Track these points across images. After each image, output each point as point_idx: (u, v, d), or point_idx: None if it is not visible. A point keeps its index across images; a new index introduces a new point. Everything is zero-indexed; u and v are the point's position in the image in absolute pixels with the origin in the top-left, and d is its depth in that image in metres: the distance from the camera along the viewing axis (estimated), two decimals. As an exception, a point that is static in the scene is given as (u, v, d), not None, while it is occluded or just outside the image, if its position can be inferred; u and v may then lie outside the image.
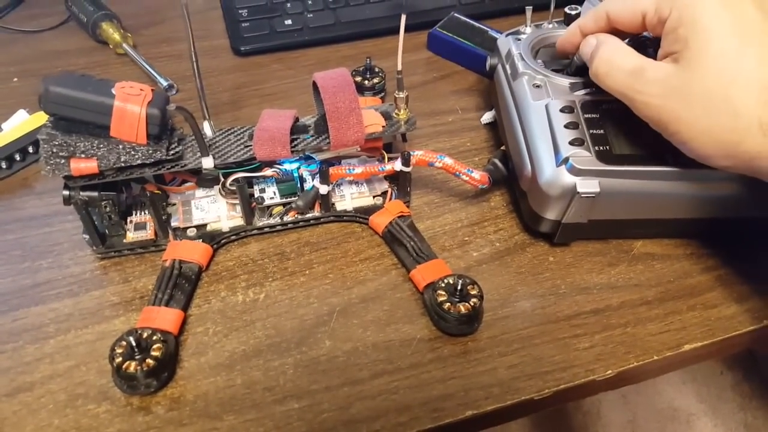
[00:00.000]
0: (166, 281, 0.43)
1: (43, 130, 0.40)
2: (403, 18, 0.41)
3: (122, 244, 0.45)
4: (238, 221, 0.47)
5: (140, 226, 0.46)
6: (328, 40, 0.65)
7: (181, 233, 0.46)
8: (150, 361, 0.38)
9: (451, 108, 0.58)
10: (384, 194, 0.49)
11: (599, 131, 0.43)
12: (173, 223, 0.46)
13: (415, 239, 0.45)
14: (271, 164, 0.45)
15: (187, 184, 0.47)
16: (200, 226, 0.47)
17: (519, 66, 0.48)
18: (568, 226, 0.44)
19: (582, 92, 0.45)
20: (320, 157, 0.46)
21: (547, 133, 0.43)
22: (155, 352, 0.38)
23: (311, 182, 0.47)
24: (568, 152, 0.42)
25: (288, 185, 0.47)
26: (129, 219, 0.46)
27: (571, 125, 0.43)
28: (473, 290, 0.41)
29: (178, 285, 0.43)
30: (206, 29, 0.67)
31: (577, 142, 0.42)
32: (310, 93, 0.47)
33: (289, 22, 0.65)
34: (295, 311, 0.43)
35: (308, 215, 0.48)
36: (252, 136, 0.44)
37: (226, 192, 0.46)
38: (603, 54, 0.41)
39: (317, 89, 0.44)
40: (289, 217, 0.47)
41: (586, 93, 0.45)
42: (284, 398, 0.39)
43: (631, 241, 0.47)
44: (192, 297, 0.44)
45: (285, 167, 0.46)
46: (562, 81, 0.46)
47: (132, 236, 0.45)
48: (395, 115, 0.46)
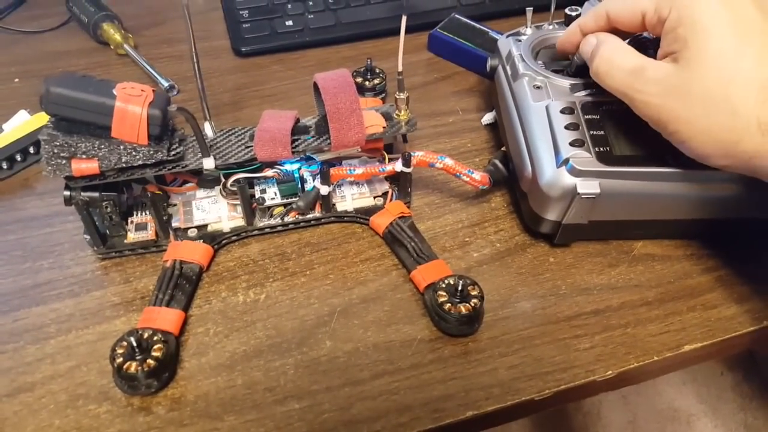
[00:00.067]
0: (167, 282, 0.43)
1: (44, 131, 0.40)
2: (404, 19, 0.41)
3: (123, 245, 0.45)
4: (238, 222, 0.47)
5: (141, 227, 0.46)
6: (329, 41, 0.65)
7: (181, 234, 0.46)
8: (151, 362, 0.38)
9: (451, 109, 0.58)
10: (385, 195, 0.49)
11: (599, 132, 0.43)
12: (174, 224, 0.46)
13: (415, 240, 0.45)
14: (272, 165, 0.45)
15: (188, 185, 0.47)
16: (201, 227, 0.47)
17: (519, 67, 0.48)
18: (568, 226, 0.44)
19: (582, 93, 0.45)
20: (321, 157, 0.46)
21: (548, 134, 0.43)
22: (156, 352, 0.38)
23: (312, 183, 0.47)
24: (569, 153, 0.42)
25: (289, 186, 0.47)
26: (130, 219, 0.46)
27: (572, 126, 0.43)
28: (474, 291, 0.41)
29: (178, 285, 0.43)
30: (207, 30, 0.67)
31: (577, 143, 0.42)
32: (311, 94, 0.47)
33: (289, 23, 0.66)
34: (296, 312, 0.43)
35: (309, 216, 0.48)
36: (253, 137, 0.44)
37: (227, 193, 0.46)
38: (603, 53, 0.41)
39: (318, 90, 0.45)
40: (289, 218, 0.47)
41: (586, 94, 0.45)
42: (285, 399, 0.39)
43: (632, 242, 0.47)
44: (193, 297, 0.44)
45: (286, 168, 0.46)
46: (562, 82, 0.46)
47: (133, 237, 0.45)
48: (396, 115, 0.46)
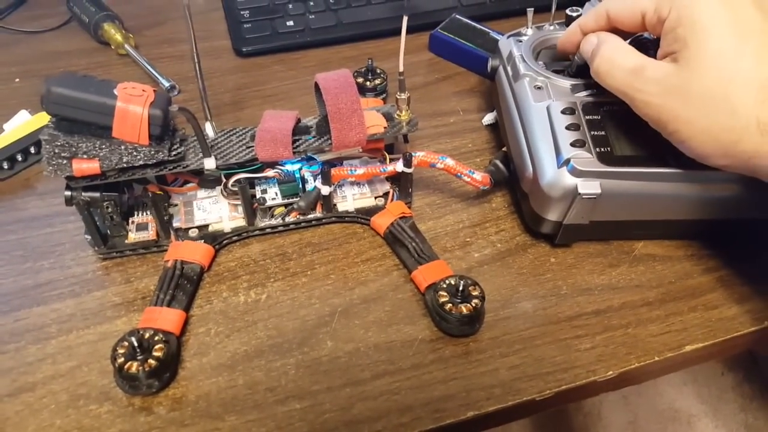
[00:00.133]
0: (168, 282, 0.43)
1: (45, 131, 0.40)
2: (405, 19, 0.41)
3: (124, 245, 0.45)
4: (239, 222, 0.47)
5: (142, 227, 0.46)
6: (330, 41, 0.65)
7: (182, 234, 0.46)
8: (152, 362, 0.38)
9: (452, 109, 0.58)
10: (385, 195, 0.49)
11: (600, 133, 0.43)
12: (175, 224, 0.46)
13: (416, 240, 0.45)
14: (272, 165, 0.46)
15: (189, 185, 0.47)
16: (202, 227, 0.47)
17: (520, 67, 0.48)
18: (569, 227, 0.44)
19: (583, 94, 0.45)
20: (322, 158, 0.46)
21: (549, 134, 0.43)
22: (157, 352, 0.38)
23: (313, 183, 0.47)
24: (570, 154, 0.42)
25: (290, 186, 0.47)
26: (131, 219, 0.46)
27: (573, 127, 0.43)
28: (475, 291, 0.41)
29: (179, 285, 0.43)
30: (208, 30, 0.67)
31: (578, 144, 0.42)
32: (312, 94, 0.47)
33: (290, 23, 0.66)
34: (297, 312, 0.43)
35: (310, 216, 0.48)
36: (254, 137, 0.44)
37: (228, 193, 0.46)
38: (604, 52, 0.41)
39: (319, 90, 0.45)
40: (290, 218, 0.47)
41: (587, 94, 0.45)
42: (286, 399, 0.39)
43: (633, 243, 0.47)
44: (194, 297, 0.44)
45: (287, 168, 0.46)
46: (563, 82, 0.46)
47: (134, 237, 0.45)
48: (397, 116, 0.46)
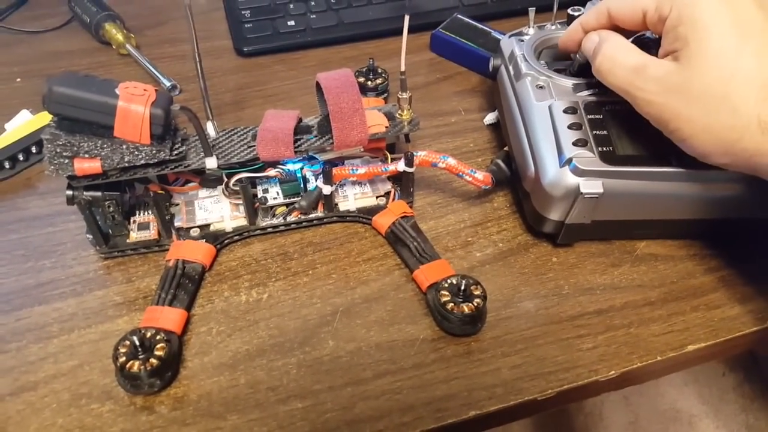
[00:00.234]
0: (170, 281, 0.43)
1: (46, 130, 0.40)
2: (407, 18, 0.41)
3: (125, 244, 0.45)
4: (241, 221, 0.47)
5: (143, 226, 0.46)
6: (331, 41, 0.65)
7: (184, 233, 0.46)
8: (153, 361, 0.38)
9: (454, 109, 0.58)
10: (387, 195, 0.49)
11: (602, 132, 0.43)
12: (176, 223, 0.46)
13: (418, 240, 0.45)
14: (274, 164, 0.45)
15: (190, 185, 0.47)
16: (203, 226, 0.47)
17: (522, 67, 0.48)
18: (571, 226, 0.44)
19: (585, 93, 0.45)
20: (323, 157, 0.46)
21: (551, 133, 0.43)
22: (159, 351, 0.38)
23: (314, 182, 0.47)
24: (572, 153, 0.42)
25: (291, 185, 0.47)
26: (132, 219, 0.46)
27: (575, 126, 0.43)
28: (476, 291, 0.41)
29: (181, 285, 0.43)
30: (209, 30, 0.67)
31: (580, 143, 0.42)
32: (313, 94, 0.47)
33: (291, 23, 0.66)
34: (299, 311, 0.43)
35: (311, 215, 0.48)
36: (255, 137, 0.44)
37: (229, 192, 0.46)
38: (606, 51, 0.41)
39: (320, 90, 0.44)
40: (292, 218, 0.47)
41: (589, 94, 0.45)
42: (288, 398, 0.39)
43: (635, 242, 0.47)
44: (195, 297, 0.44)
45: (288, 167, 0.46)
46: (565, 82, 0.46)
47: (135, 236, 0.45)
48: (398, 115, 0.46)
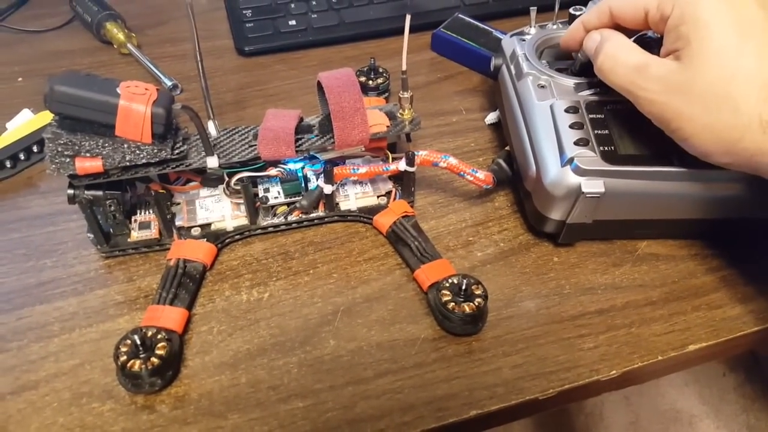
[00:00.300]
0: (171, 280, 0.43)
1: (48, 129, 0.40)
2: (408, 18, 0.41)
3: (127, 243, 0.45)
4: (242, 221, 0.47)
5: (145, 225, 0.46)
6: (332, 40, 0.65)
7: (185, 232, 0.46)
8: (154, 360, 0.38)
9: (455, 108, 0.58)
10: (388, 194, 0.49)
11: (604, 131, 0.43)
12: (177, 223, 0.46)
13: (419, 239, 0.45)
14: (275, 164, 0.45)
15: (191, 184, 0.47)
16: (204, 226, 0.47)
17: (523, 66, 0.48)
18: (572, 226, 0.44)
19: (587, 92, 0.45)
20: (324, 156, 0.46)
21: (552, 133, 0.43)
22: (160, 350, 0.38)
23: (315, 182, 0.47)
24: (573, 152, 0.42)
25: (292, 185, 0.47)
26: (133, 218, 0.46)
27: (576, 125, 0.43)
28: (478, 290, 0.41)
29: (182, 284, 0.43)
30: (210, 29, 0.67)
31: (581, 143, 0.42)
32: (314, 93, 0.47)
33: (293, 22, 0.66)
34: (300, 311, 0.43)
35: (312, 215, 0.48)
36: (256, 136, 0.44)
37: (230, 191, 0.46)
38: (608, 50, 0.41)
39: (322, 89, 0.44)
40: (293, 217, 0.47)
41: (590, 93, 0.45)
42: (288, 397, 0.39)
43: (636, 242, 0.47)
44: (196, 296, 0.44)
45: (289, 167, 0.46)
46: (566, 81, 0.46)
47: (136, 235, 0.45)
48: (399, 115, 0.46)
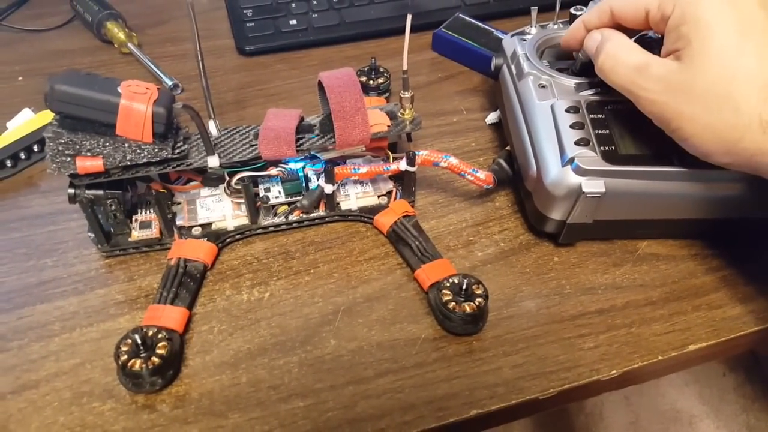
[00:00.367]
0: (171, 280, 0.43)
1: (49, 129, 0.40)
2: (409, 18, 0.41)
3: (127, 243, 0.45)
4: (243, 220, 0.47)
5: (145, 225, 0.46)
6: (333, 40, 0.65)
7: (186, 232, 0.46)
8: (155, 359, 0.38)
9: (455, 108, 0.58)
10: (389, 194, 0.49)
11: (605, 131, 0.43)
12: (178, 222, 0.46)
13: (419, 239, 0.45)
14: (276, 163, 0.45)
15: (192, 183, 0.47)
16: (205, 225, 0.47)
17: (524, 66, 0.48)
18: (573, 226, 0.44)
19: (587, 92, 0.45)
20: (325, 156, 0.46)
21: (553, 133, 0.43)
22: (160, 350, 0.38)
23: (316, 182, 0.47)
24: (574, 152, 0.42)
25: (293, 184, 0.47)
26: (134, 217, 0.46)
27: (577, 125, 0.43)
28: (478, 290, 0.41)
29: (183, 283, 0.43)
30: (211, 29, 0.67)
31: (582, 143, 0.42)
32: (315, 93, 0.47)
33: (293, 22, 0.66)
34: (300, 310, 0.43)
35: (313, 214, 0.48)
36: (257, 136, 0.44)
37: (231, 191, 0.46)
38: (609, 49, 0.41)
39: (322, 89, 0.44)
40: (293, 217, 0.47)
41: (591, 93, 0.45)
42: (289, 397, 0.39)
43: (636, 242, 0.47)
44: (197, 295, 0.44)
45: (290, 166, 0.46)
46: (567, 81, 0.46)
47: (137, 235, 0.45)
48: (400, 114, 0.46)
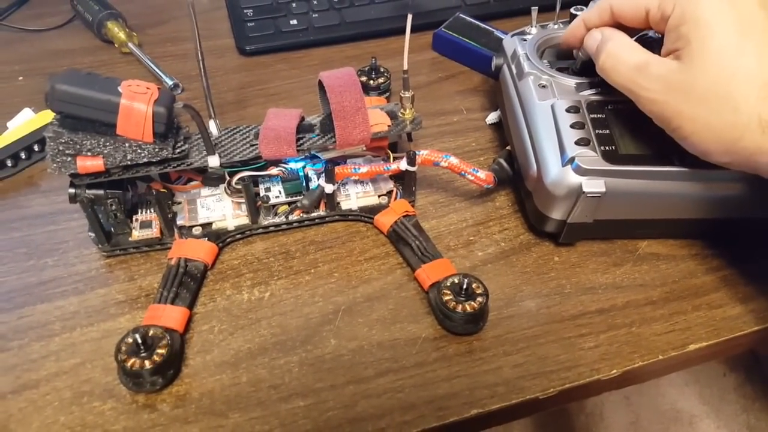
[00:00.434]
0: (172, 279, 0.43)
1: (49, 128, 0.40)
2: (410, 17, 0.41)
3: (128, 243, 0.45)
4: (243, 220, 0.47)
5: (146, 225, 0.46)
6: (333, 40, 0.65)
7: (186, 231, 0.46)
8: (155, 359, 0.38)
9: (456, 108, 0.58)
10: (389, 194, 0.49)
11: (605, 131, 0.43)
12: (179, 222, 0.46)
13: (420, 238, 0.45)
14: (276, 163, 0.45)
15: (192, 183, 0.47)
16: (206, 225, 0.47)
17: (525, 66, 0.48)
18: (573, 226, 0.44)
19: (588, 92, 0.45)
20: (326, 156, 0.46)
21: (553, 133, 0.43)
22: (161, 349, 0.38)
23: (316, 181, 0.47)
24: (574, 152, 0.42)
25: (293, 184, 0.47)
26: (134, 217, 0.46)
27: (577, 125, 0.43)
28: (478, 289, 0.41)
29: (183, 283, 0.43)
30: (211, 29, 0.67)
31: (582, 142, 0.42)
32: (315, 93, 0.47)
33: (294, 22, 0.66)
34: (301, 310, 0.43)
35: (313, 214, 0.48)
36: (258, 135, 0.44)
37: (231, 191, 0.46)
38: (610, 49, 0.41)
39: (323, 88, 0.44)
40: (294, 216, 0.47)
41: (592, 93, 0.45)
42: (289, 396, 0.39)
43: (636, 242, 0.47)
44: (197, 295, 0.44)
45: (290, 166, 0.46)
46: (567, 81, 0.46)
47: (137, 234, 0.45)
48: (401, 114, 0.46)
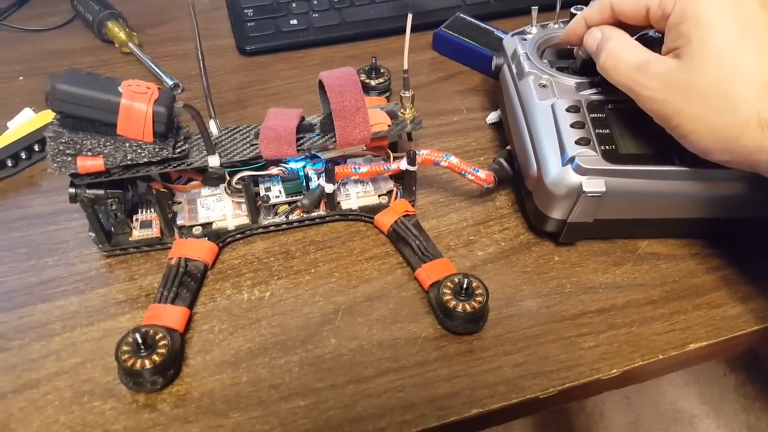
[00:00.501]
0: (172, 279, 0.43)
1: (49, 128, 0.40)
2: (410, 17, 0.42)
3: (128, 242, 0.45)
4: (243, 220, 0.47)
5: (146, 224, 0.46)
6: (333, 40, 0.65)
7: (186, 231, 0.46)
8: (156, 359, 0.38)
9: (456, 108, 0.58)
10: (389, 193, 0.49)
11: (605, 131, 0.43)
12: (179, 221, 0.46)
13: (420, 238, 0.45)
14: (276, 163, 0.46)
15: (192, 183, 0.47)
16: (206, 225, 0.47)
17: (525, 66, 0.48)
18: (573, 225, 0.44)
19: (588, 92, 0.45)
20: (326, 155, 0.46)
21: (553, 132, 0.43)
22: (161, 349, 0.38)
23: (317, 181, 0.47)
24: (574, 152, 0.42)
25: (293, 184, 0.47)
26: (135, 217, 0.46)
27: (577, 125, 0.43)
28: (479, 289, 0.41)
29: (183, 283, 0.43)
30: (211, 29, 0.67)
31: (583, 142, 0.42)
32: (315, 93, 0.47)
33: (294, 21, 0.66)
34: (301, 309, 0.43)
35: (313, 214, 0.48)
36: (258, 135, 0.44)
37: (231, 190, 0.46)
38: (611, 48, 0.41)
39: (323, 88, 0.44)
40: (294, 216, 0.47)
41: (592, 92, 0.45)
42: (290, 396, 0.39)
43: (637, 241, 0.47)
44: (197, 295, 0.44)
45: (291, 166, 0.46)
46: (568, 80, 0.46)
47: (138, 234, 0.45)
48: (401, 114, 0.46)
